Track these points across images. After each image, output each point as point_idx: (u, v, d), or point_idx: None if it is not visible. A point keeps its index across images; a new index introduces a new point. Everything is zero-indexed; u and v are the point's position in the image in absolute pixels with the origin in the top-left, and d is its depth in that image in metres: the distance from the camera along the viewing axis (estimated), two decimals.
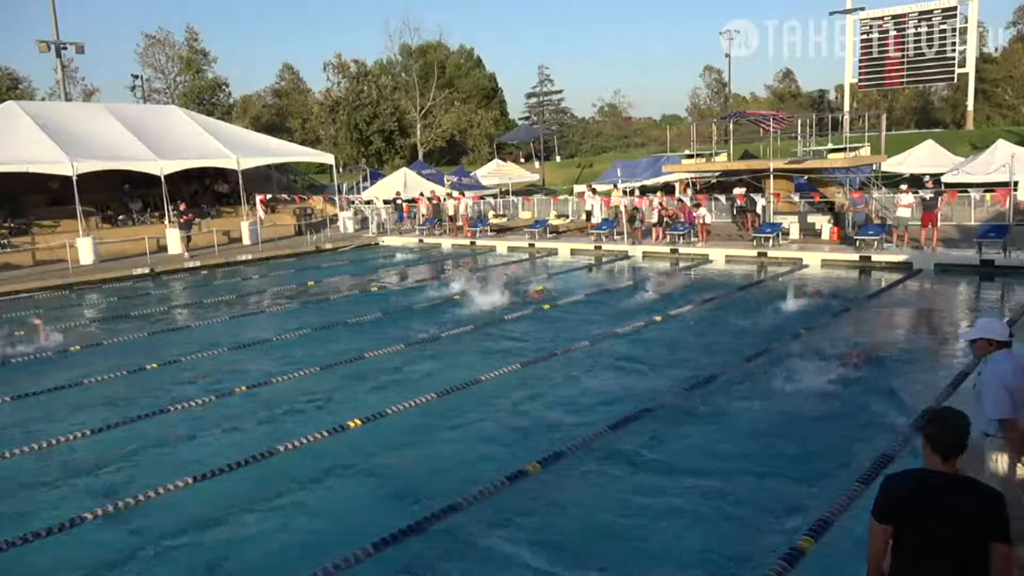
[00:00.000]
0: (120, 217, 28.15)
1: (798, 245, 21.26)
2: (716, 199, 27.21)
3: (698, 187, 29.95)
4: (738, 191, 24.35)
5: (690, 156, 28.51)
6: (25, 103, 30.47)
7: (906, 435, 7.54)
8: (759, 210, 23.12)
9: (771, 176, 23.40)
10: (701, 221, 22.97)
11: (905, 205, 19.83)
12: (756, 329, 12.98)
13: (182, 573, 5.94)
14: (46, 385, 10.85)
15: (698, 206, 23.52)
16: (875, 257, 18.88)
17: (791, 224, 22.37)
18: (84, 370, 11.72)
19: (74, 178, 24.07)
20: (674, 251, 22.09)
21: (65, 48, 36.61)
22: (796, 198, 24.35)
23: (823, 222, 22.28)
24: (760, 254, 20.54)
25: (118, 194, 28.89)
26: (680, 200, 24.95)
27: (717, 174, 28.84)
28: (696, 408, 9.04)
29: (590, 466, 7.44)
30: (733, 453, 7.66)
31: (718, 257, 21.06)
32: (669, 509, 6.59)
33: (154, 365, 11.76)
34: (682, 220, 23.16)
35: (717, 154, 27.69)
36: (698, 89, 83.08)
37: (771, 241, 20.98)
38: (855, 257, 19.19)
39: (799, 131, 27.00)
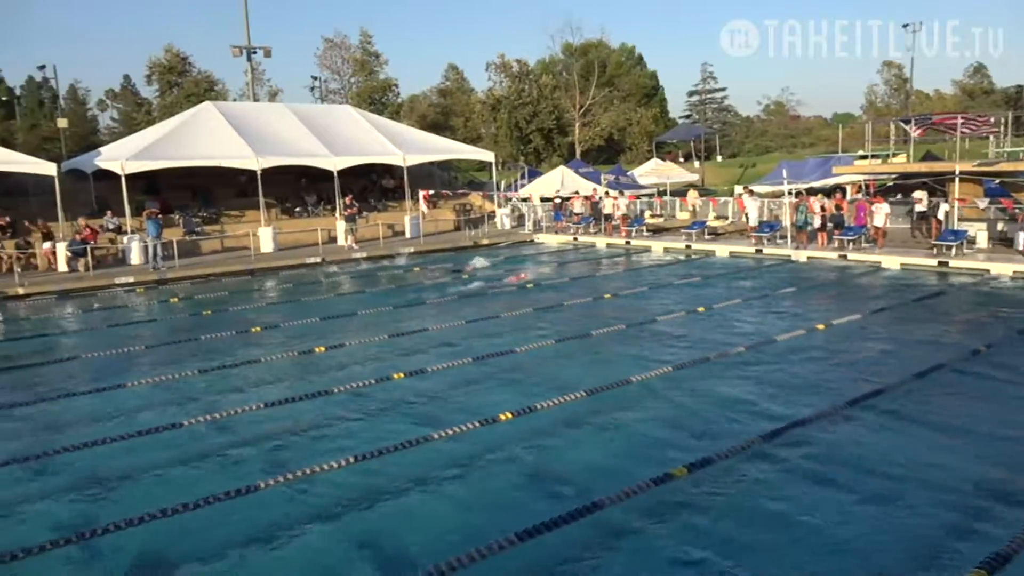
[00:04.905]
0: (297, 209, 30.26)
1: (985, 255, 19.45)
2: (892, 203, 25.42)
3: (871, 190, 28.09)
4: (918, 194, 22.62)
5: (864, 157, 26.81)
6: (219, 103, 33.28)
7: None
8: (941, 215, 21.35)
9: (956, 179, 21.54)
10: (882, 223, 21.43)
11: None
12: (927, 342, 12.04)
13: (338, 543, 6.31)
14: (227, 361, 11.87)
15: (875, 201, 21.98)
16: None
17: (978, 232, 20.52)
18: (261, 350, 12.80)
19: (258, 172, 26.10)
20: (842, 257, 20.83)
21: (255, 52, 39.64)
22: (984, 204, 22.26)
23: (1018, 231, 20.25)
24: (940, 263, 18.98)
25: (296, 188, 31.05)
26: (851, 202, 23.48)
27: (894, 176, 26.95)
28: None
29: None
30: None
31: (892, 265, 19.66)
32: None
33: (321, 348, 12.56)
34: (852, 224, 21.79)
35: (895, 155, 25.85)
36: (875, 86, 77.70)
37: (953, 250, 19.34)
38: None
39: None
